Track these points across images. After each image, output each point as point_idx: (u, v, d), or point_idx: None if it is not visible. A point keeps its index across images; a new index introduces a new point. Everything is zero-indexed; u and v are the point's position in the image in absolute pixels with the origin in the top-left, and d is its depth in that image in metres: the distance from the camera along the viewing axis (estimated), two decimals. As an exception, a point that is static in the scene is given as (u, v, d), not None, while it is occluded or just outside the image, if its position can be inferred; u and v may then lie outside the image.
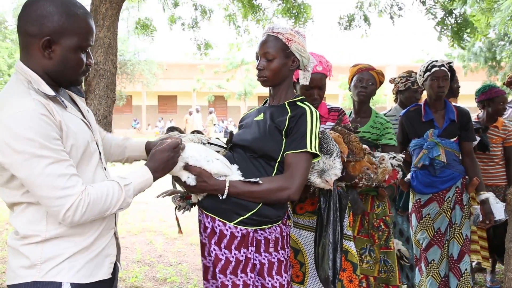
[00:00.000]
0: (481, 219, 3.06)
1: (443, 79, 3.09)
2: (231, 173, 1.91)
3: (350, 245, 2.43)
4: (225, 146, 2.17)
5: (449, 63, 3.15)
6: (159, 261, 4.94)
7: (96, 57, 2.67)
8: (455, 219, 3.09)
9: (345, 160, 2.20)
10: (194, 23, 5.43)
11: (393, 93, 4.00)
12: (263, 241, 1.95)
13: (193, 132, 2.34)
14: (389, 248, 2.85)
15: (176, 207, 2.35)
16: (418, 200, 3.17)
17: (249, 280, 1.91)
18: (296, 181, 1.88)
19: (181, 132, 2.36)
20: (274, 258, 1.97)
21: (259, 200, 1.89)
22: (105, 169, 1.64)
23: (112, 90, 2.74)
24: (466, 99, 11.48)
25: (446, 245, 3.11)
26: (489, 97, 3.86)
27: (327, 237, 2.15)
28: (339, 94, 32.15)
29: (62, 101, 1.50)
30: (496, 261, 4.00)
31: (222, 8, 5.48)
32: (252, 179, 1.88)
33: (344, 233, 2.35)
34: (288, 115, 1.98)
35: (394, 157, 2.56)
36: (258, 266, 1.95)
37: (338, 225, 2.19)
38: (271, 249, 1.96)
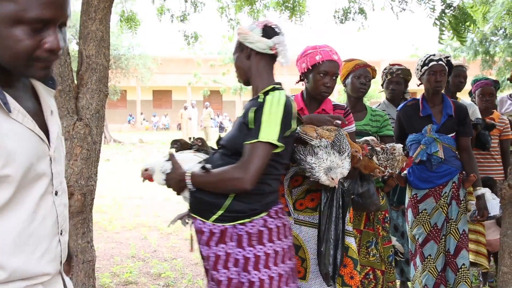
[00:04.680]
0: (477, 214, 3.07)
1: (441, 74, 3.07)
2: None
3: (351, 241, 2.45)
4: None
5: (446, 57, 3.13)
6: (153, 256, 4.92)
7: (88, 51, 2.64)
8: (451, 214, 3.09)
9: (361, 158, 2.30)
10: (183, 16, 5.37)
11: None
12: (245, 236, 1.94)
13: (197, 146, 2.32)
14: (390, 242, 2.89)
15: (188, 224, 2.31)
16: (414, 195, 3.17)
17: (232, 274, 1.92)
18: (249, 171, 1.85)
19: (185, 144, 2.37)
20: (259, 251, 1.95)
21: (217, 190, 1.93)
22: (56, 193, 1.22)
23: (105, 84, 2.71)
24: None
25: (442, 240, 3.10)
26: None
27: (329, 233, 2.21)
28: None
29: (5, 103, 1.06)
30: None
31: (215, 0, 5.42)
32: (202, 166, 1.96)
33: (345, 229, 2.40)
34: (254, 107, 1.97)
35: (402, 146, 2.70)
36: (243, 260, 1.93)
37: (340, 222, 2.25)
38: (254, 242, 1.94)
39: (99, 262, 4.57)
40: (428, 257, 3.10)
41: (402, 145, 2.70)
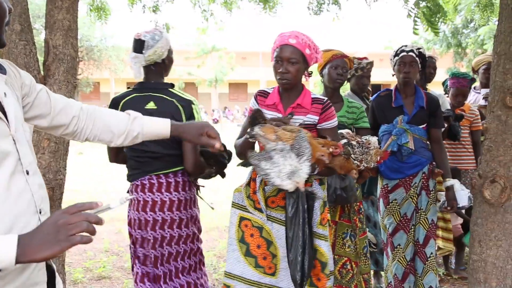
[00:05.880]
0: (446, 205, 3.11)
1: (410, 65, 3.08)
2: None
3: (321, 244, 2.38)
4: None
5: (418, 48, 3.15)
6: (127, 250, 4.81)
7: (55, 40, 2.56)
8: (421, 204, 3.13)
9: (327, 162, 2.17)
10: (155, 6, 5.26)
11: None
12: None
13: None
14: (365, 232, 2.90)
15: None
16: (385, 185, 3.20)
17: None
18: None
19: None
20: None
21: None
22: (27, 173, 1.22)
23: (73, 75, 2.64)
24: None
25: (412, 230, 3.14)
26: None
27: (297, 239, 2.18)
28: (309, 81, 32.23)
29: None
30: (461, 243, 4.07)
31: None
32: None
33: (314, 231, 2.36)
34: None
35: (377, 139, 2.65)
36: None
37: (306, 226, 2.20)
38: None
39: (71, 257, 4.49)
40: (398, 246, 3.14)
41: (377, 138, 2.68)
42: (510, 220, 2.60)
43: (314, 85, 30.15)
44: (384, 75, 4.20)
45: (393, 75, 3.27)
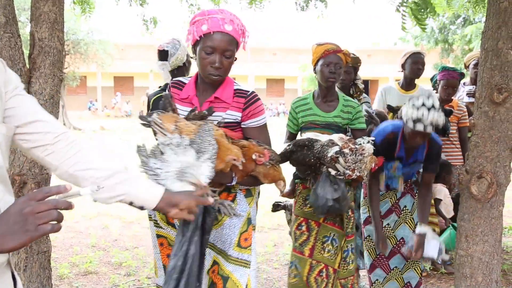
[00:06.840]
0: (412, 250, 2.79)
1: (424, 137, 2.72)
2: None
3: (234, 270, 2.01)
4: None
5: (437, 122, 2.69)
6: (114, 245, 4.83)
7: (41, 33, 2.51)
8: (405, 203, 3.12)
9: (240, 167, 1.81)
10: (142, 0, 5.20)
11: None
12: None
13: None
14: (351, 236, 2.74)
15: None
16: None
17: None
18: None
19: None
20: None
21: None
22: None
23: (59, 68, 2.60)
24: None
25: (388, 229, 3.12)
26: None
27: (192, 264, 1.72)
28: (298, 76, 32.28)
29: None
30: None
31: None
32: None
33: (229, 254, 2.03)
34: None
35: (369, 141, 2.44)
36: None
37: (197, 245, 1.75)
38: None
39: (58, 252, 4.45)
40: (368, 237, 3.14)
41: (371, 141, 2.47)
42: (497, 216, 2.63)
43: (302, 80, 30.15)
44: (372, 71, 4.16)
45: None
